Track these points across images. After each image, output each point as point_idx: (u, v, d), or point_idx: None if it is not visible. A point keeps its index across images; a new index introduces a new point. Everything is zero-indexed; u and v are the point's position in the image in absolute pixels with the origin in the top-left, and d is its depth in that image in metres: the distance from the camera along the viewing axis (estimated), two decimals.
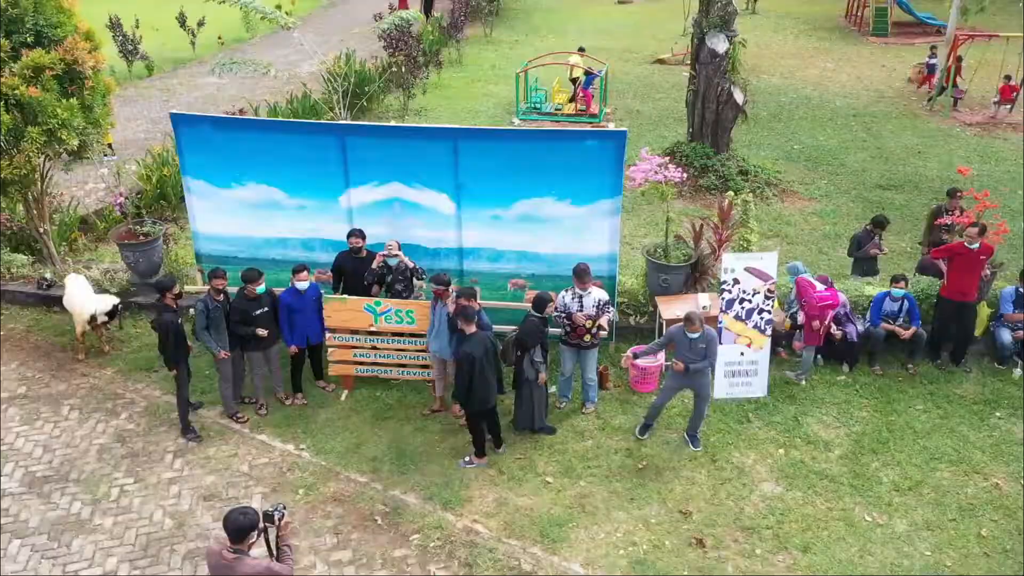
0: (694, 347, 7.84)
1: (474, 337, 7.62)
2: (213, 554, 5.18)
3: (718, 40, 14.77)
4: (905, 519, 7.50)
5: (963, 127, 18.79)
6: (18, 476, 8.05)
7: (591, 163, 9.00)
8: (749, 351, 8.88)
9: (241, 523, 5.05)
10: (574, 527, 7.42)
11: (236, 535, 5.05)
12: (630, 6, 34.54)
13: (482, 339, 7.66)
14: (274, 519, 5.28)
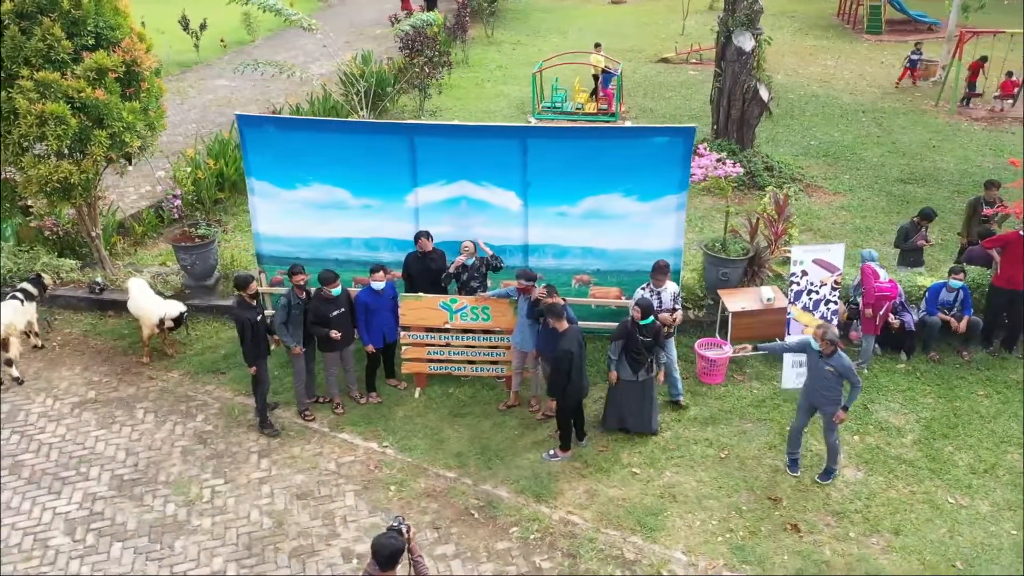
0: (820, 369, 7.60)
1: (568, 333, 7.73)
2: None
3: (744, 38, 15.01)
4: (986, 500, 7.73)
5: (970, 122, 19.21)
6: (105, 479, 8.03)
7: (659, 159, 9.15)
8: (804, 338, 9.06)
9: (392, 548, 5.05)
10: (669, 516, 7.57)
11: (387, 561, 5.05)
12: (624, 6, 34.83)
13: (575, 334, 7.78)
14: (403, 532, 5.30)
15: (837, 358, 7.40)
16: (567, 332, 7.73)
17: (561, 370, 7.69)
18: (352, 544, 7.29)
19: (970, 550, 7.20)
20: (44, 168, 9.18)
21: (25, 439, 8.58)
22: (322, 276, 8.43)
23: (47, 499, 7.78)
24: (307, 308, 8.50)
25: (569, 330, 7.75)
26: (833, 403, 7.59)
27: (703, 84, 22.73)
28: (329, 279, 8.38)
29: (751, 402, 9.08)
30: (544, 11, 32.81)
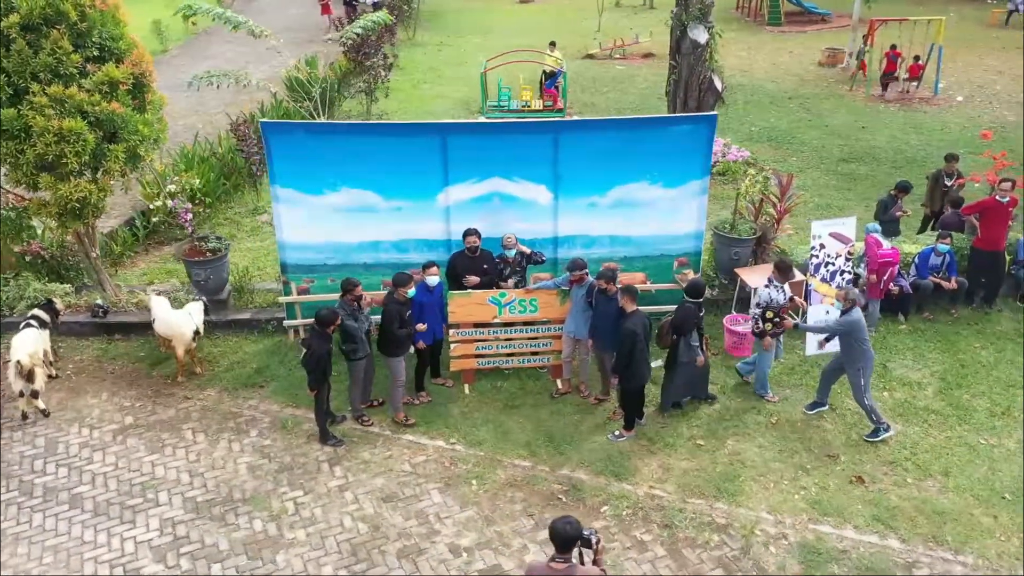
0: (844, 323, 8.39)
1: (635, 315, 8.05)
2: (538, 568, 5.31)
3: (699, 31, 15.73)
4: (1011, 438, 8.59)
5: (886, 104, 20.75)
6: (178, 503, 7.78)
7: (684, 146, 9.62)
8: (834, 309, 9.77)
9: (568, 533, 5.18)
10: (743, 480, 8.03)
11: (564, 545, 5.20)
12: (533, 5, 35.51)
13: (641, 317, 8.11)
14: (591, 543, 5.45)
15: (848, 317, 8.12)
16: (634, 314, 8.03)
17: (624, 348, 7.98)
18: (455, 539, 7.38)
19: (1011, 482, 8.00)
20: (65, 187, 8.73)
21: (75, 471, 8.18)
22: (397, 279, 8.39)
23: (123, 529, 7.48)
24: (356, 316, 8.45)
25: (636, 312, 8.07)
26: (850, 360, 8.22)
27: (633, 78, 23.62)
28: (403, 281, 8.37)
29: (783, 371, 9.67)
30: (456, 12, 32.99)
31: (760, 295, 8.85)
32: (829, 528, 7.48)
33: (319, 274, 10.02)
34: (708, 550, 7.26)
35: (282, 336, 10.37)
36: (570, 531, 5.14)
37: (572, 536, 5.14)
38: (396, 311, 8.38)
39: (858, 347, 8.16)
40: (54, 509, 7.70)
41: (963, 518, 7.56)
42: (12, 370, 8.69)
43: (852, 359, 8.25)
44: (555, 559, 5.16)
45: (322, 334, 8.07)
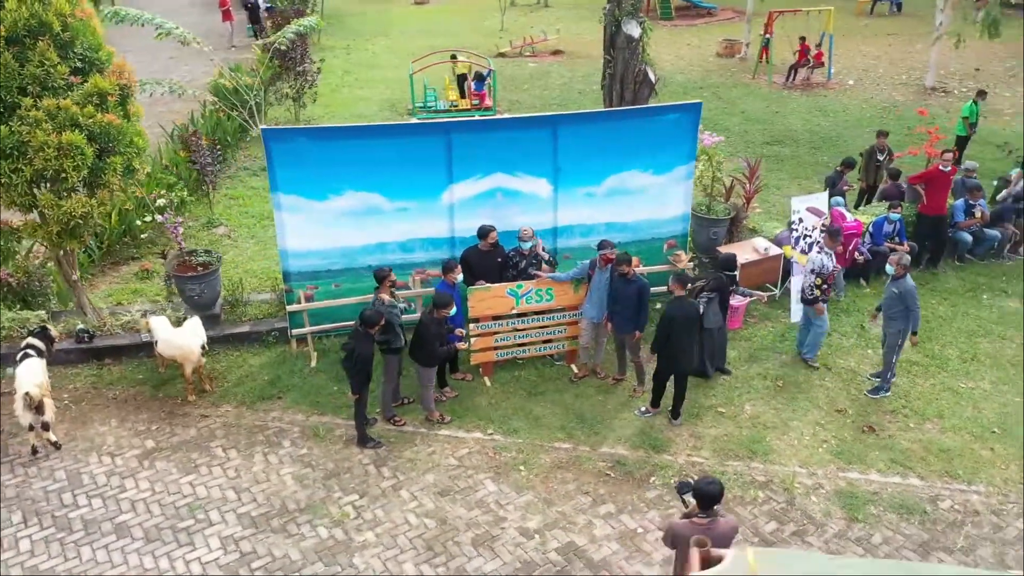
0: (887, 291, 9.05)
1: (681, 300, 8.42)
2: (681, 526, 5.63)
3: (632, 26, 16.39)
4: (985, 380, 9.61)
5: (789, 90, 22.20)
6: (232, 520, 7.63)
7: (672, 134, 10.16)
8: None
9: (712, 491, 5.58)
10: (769, 440, 8.64)
11: (709, 501, 5.59)
12: (428, 6, 35.62)
13: (686, 305, 8.47)
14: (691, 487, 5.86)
15: (903, 282, 8.78)
16: (680, 299, 8.40)
17: (662, 329, 8.38)
18: (522, 523, 7.60)
19: (996, 418, 8.97)
20: (68, 204, 8.32)
21: (110, 500, 7.85)
22: (439, 300, 8.45)
23: (183, 552, 7.27)
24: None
25: (683, 299, 8.43)
26: (892, 322, 8.95)
27: (549, 74, 24.21)
28: (446, 303, 8.44)
29: (774, 338, 10.39)
30: (354, 15, 32.66)
31: (813, 261, 9.44)
32: (856, 474, 8.18)
33: (323, 280, 9.94)
34: (757, 505, 7.80)
35: (284, 346, 10.22)
36: (714, 490, 5.52)
37: (716, 494, 5.52)
38: (437, 331, 8.45)
39: (906, 312, 8.82)
40: (101, 541, 7.38)
41: (966, 453, 8.44)
42: (20, 403, 8.21)
43: (898, 322, 8.91)
44: (697, 515, 5.52)
45: (366, 335, 8.08)
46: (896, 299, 8.85)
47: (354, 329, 8.27)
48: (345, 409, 9.12)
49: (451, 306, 8.47)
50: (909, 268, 8.92)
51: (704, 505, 5.56)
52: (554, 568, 7.12)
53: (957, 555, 7.25)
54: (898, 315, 8.89)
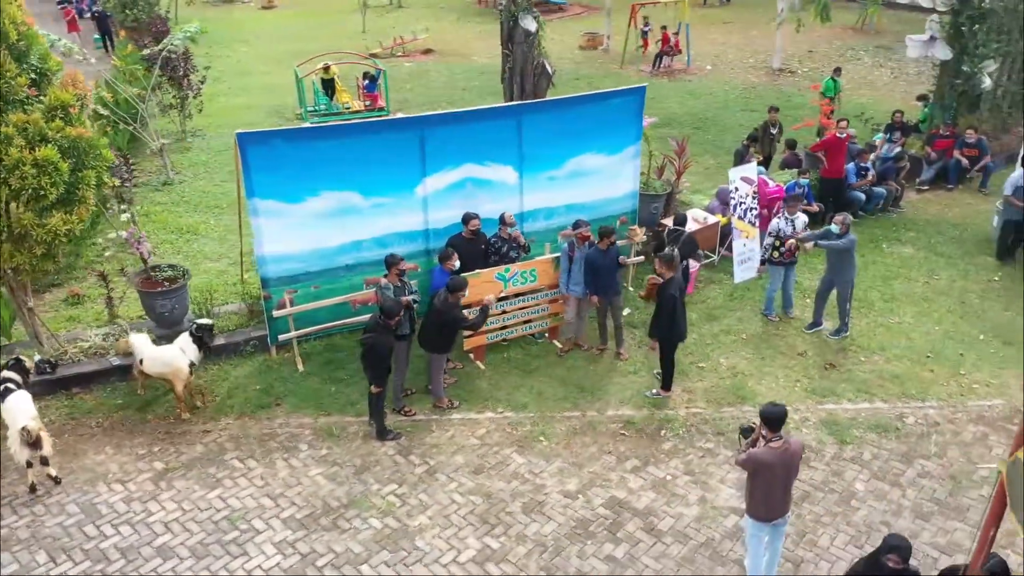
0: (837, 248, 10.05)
1: (673, 280, 9.02)
2: (761, 453, 6.27)
3: (528, 21, 17.07)
4: (907, 315, 11.01)
5: (656, 77, 23.70)
6: (279, 526, 7.56)
7: (621, 116, 10.88)
8: (749, 241, 11.67)
9: (779, 412, 6.27)
10: (750, 386, 9.54)
11: (776, 423, 6.27)
12: (275, 11, 34.82)
13: (678, 282, 9.09)
14: (751, 431, 6.55)
15: (848, 237, 9.89)
16: (672, 279, 9.00)
17: (665, 311, 8.96)
18: (562, 487, 8.04)
19: (926, 345, 10.34)
20: (53, 221, 7.86)
21: (140, 526, 7.54)
22: (455, 285, 8.63)
23: (240, 563, 7.15)
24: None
25: (674, 278, 9.04)
26: (841, 274, 10.07)
27: (427, 73, 24.48)
28: (461, 285, 8.65)
29: (725, 299, 11.37)
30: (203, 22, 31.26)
31: (771, 225, 10.37)
32: (832, 405, 9.23)
33: (301, 283, 9.87)
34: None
35: (264, 355, 10.06)
36: (780, 411, 6.22)
37: (783, 415, 6.22)
38: (458, 316, 8.66)
39: (851, 264, 9.91)
40: (147, 567, 7.11)
41: (912, 377, 9.71)
42: (17, 439, 7.70)
43: (845, 273, 10.01)
44: (771, 440, 6.20)
45: (386, 327, 8.20)
46: (844, 253, 10.00)
47: (373, 322, 8.35)
48: (350, 407, 9.18)
49: (465, 288, 8.72)
50: (849, 225, 10.09)
51: (774, 427, 6.26)
52: (607, 521, 7.61)
53: (933, 460, 8.40)
54: (847, 266, 10.05)
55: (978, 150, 14.85)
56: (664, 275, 8.93)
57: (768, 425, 6.29)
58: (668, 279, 8.92)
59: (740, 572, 7.07)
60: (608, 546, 7.34)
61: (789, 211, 10.50)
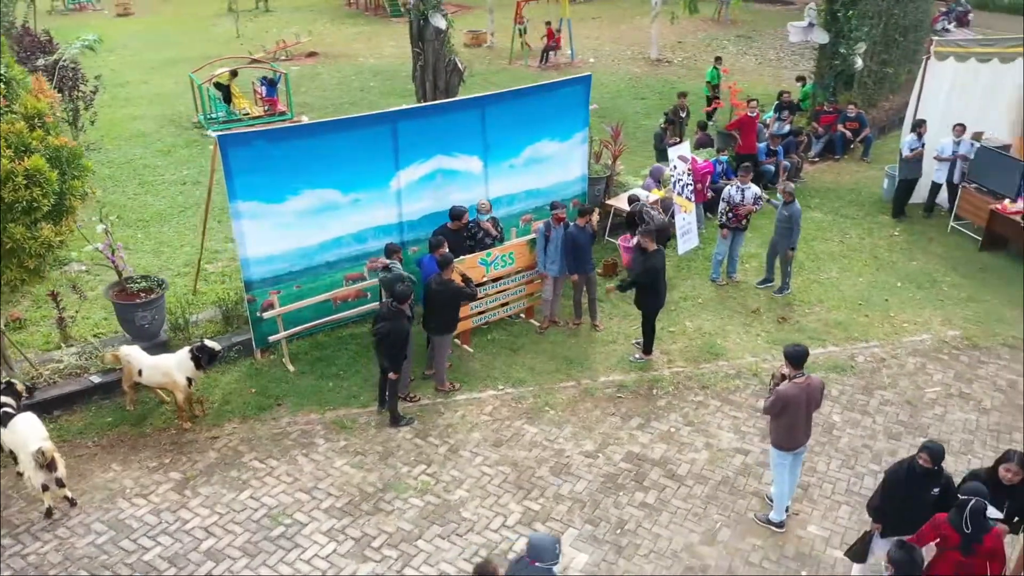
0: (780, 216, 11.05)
1: (657, 253, 9.67)
2: (786, 388, 6.98)
3: (438, 19, 17.40)
4: (833, 271, 12.29)
5: (546, 71, 24.60)
6: (322, 517, 7.67)
7: (570, 104, 11.52)
8: (688, 215, 12.63)
9: (801, 351, 7.02)
10: (718, 343, 10.42)
11: (799, 361, 7.03)
12: (132, 18, 33.31)
13: (661, 254, 9.74)
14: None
15: (792, 206, 10.94)
16: (656, 252, 9.65)
17: (649, 283, 9.66)
18: (581, 448, 8.58)
19: (855, 294, 11.62)
20: (45, 233, 7.57)
21: (181, 534, 7.44)
22: (444, 261, 8.93)
23: (295, 555, 7.23)
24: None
25: (658, 251, 9.71)
26: (783, 239, 11.11)
27: (318, 75, 24.29)
28: (449, 260, 8.97)
29: (673, 270, 12.21)
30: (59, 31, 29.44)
31: (724, 193, 11.24)
32: None
33: (284, 284, 9.88)
34: (741, 391, 9.53)
35: (249, 359, 9.99)
36: (802, 350, 7.00)
37: (805, 352, 7.01)
38: (456, 289, 8.98)
39: (796, 230, 10.94)
40: (200, 571, 7.06)
41: (853, 323, 10.91)
42: (31, 463, 7.39)
43: (788, 238, 11.01)
44: (795, 376, 6.98)
45: (400, 311, 8.42)
46: (786, 220, 11.07)
47: (385, 309, 8.55)
48: (353, 399, 9.33)
49: (453, 261, 9.05)
50: (793, 194, 11.16)
51: (797, 365, 7.05)
52: (631, 473, 8.22)
53: (888, 390, 9.56)
54: (788, 232, 11.12)
55: (859, 123, 16.58)
56: (648, 248, 9.63)
57: (791, 363, 7.08)
58: (651, 251, 9.62)
59: (758, 502, 7.86)
60: (639, 494, 7.95)
61: (741, 181, 11.47)
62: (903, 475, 6.35)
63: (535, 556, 5.21)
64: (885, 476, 6.56)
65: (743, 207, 11.35)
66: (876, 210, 14.38)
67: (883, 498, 6.49)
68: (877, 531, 6.57)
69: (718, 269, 11.84)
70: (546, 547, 5.22)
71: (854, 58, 16.86)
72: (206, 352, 8.65)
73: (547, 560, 5.19)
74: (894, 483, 6.39)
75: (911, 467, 6.25)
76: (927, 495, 6.27)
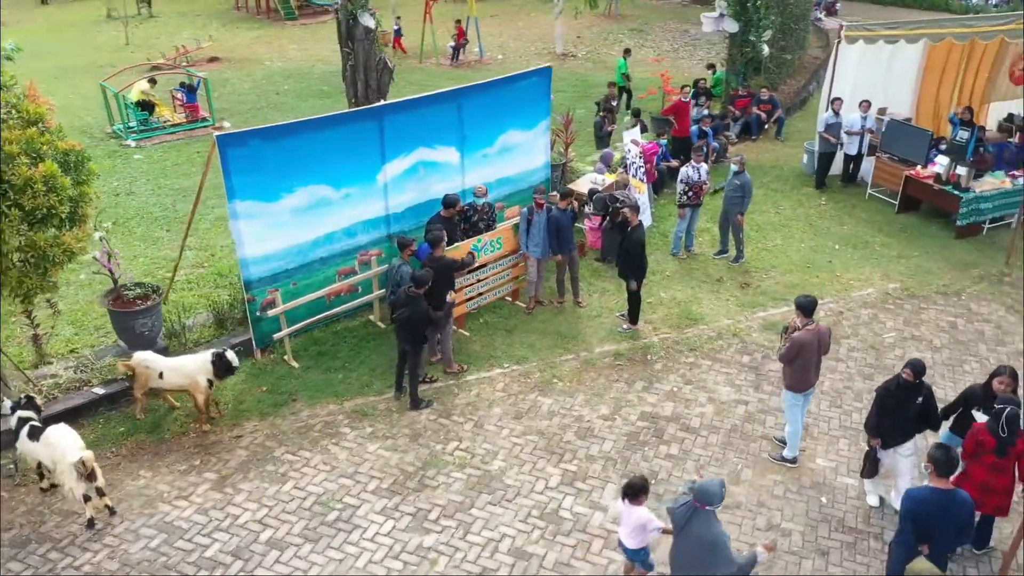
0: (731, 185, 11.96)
1: (640, 227, 10.29)
2: (801, 335, 7.74)
3: (367, 18, 17.53)
4: (777, 239, 13.37)
5: (460, 68, 25.02)
6: (371, 498, 7.88)
7: (534, 94, 12.05)
8: (641, 196, 13.42)
9: (811, 301, 7.78)
10: (695, 309, 11.22)
11: (809, 310, 7.80)
12: (6, 27, 31.31)
13: (643, 228, 10.40)
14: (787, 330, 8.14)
15: (743, 176, 11.85)
16: (639, 226, 10.31)
17: (635, 255, 10.28)
18: (597, 413, 9.12)
19: (801, 257, 12.71)
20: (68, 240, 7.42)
21: (235, 528, 7.49)
22: (434, 239, 9.25)
23: (358, 535, 7.44)
24: None
25: (640, 225, 10.35)
26: (735, 207, 12.05)
27: (228, 80, 23.80)
28: (439, 238, 9.34)
29: None
30: None
31: (681, 173, 11.97)
32: (762, 313, 11.18)
33: (281, 282, 9.94)
34: (726, 350, 10.34)
35: (250, 360, 9.98)
36: (811, 300, 7.79)
37: (814, 302, 7.80)
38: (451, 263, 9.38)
39: (748, 197, 11.83)
40: (267, 560, 7.16)
41: (806, 282, 11.96)
42: (72, 473, 7.26)
43: (740, 206, 11.90)
44: (807, 324, 7.77)
45: (418, 296, 8.71)
46: (738, 189, 11.99)
47: (403, 295, 8.80)
48: (367, 388, 9.55)
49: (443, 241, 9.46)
50: (745, 164, 12.10)
51: (808, 313, 7.85)
52: (650, 430, 8.84)
53: (852, 338, 10.62)
54: (740, 201, 12.05)
55: (771, 105, 17.91)
56: (633, 222, 10.29)
57: (803, 312, 7.87)
58: (635, 226, 10.29)
59: (768, 443, 8.65)
60: (662, 447, 8.59)
61: (695, 160, 12.31)
62: (892, 389, 7.32)
63: (704, 500, 5.70)
64: (876, 394, 7.52)
65: (700, 185, 12.21)
66: (800, 183, 15.64)
67: (878, 414, 7.42)
68: (877, 445, 7.46)
69: (678, 244, 12.66)
70: (714, 491, 5.69)
71: (761, 45, 18.19)
72: (224, 363, 8.59)
73: (715, 503, 5.69)
74: (885, 397, 7.36)
75: (897, 383, 7.19)
76: (913, 405, 7.29)
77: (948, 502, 5.96)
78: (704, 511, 5.72)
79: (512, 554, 7.26)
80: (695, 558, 5.71)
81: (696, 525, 5.71)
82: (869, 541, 7.43)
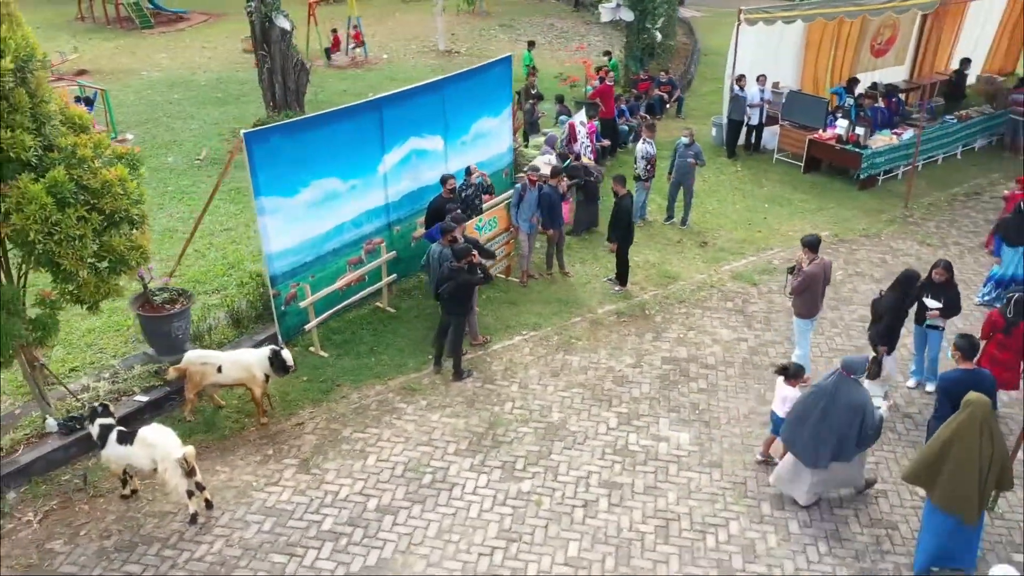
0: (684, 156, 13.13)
1: (627, 196, 11.26)
2: (811, 268, 8.95)
3: (283, 20, 17.53)
4: (713, 202, 14.81)
5: (340, 68, 25.08)
6: (454, 458, 8.41)
7: (498, 83, 12.77)
8: None
9: (815, 238, 9.03)
10: (671, 268, 12.38)
11: (815, 246, 9.03)
12: None
13: (630, 196, 11.37)
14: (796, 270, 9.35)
15: (695, 146, 13.12)
16: (625, 196, 11.26)
17: (623, 220, 11.25)
18: (621, 364, 10.03)
19: (740, 218, 14.20)
20: (143, 241, 7.44)
21: (340, 502, 7.80)
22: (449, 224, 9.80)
23: (458, 490, 7.95)
24: None
25: (627, 194, 11.31)
26: (687, 176, 13.31)
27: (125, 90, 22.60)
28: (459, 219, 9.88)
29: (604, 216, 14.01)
30: None
31: (638, 150, 12.98)
32: (727, 266, 12.52)
33: (300, 276, 10.14)
34: (710, 299, 11.56)
35: None
36: (815, 237, 9.05)
37: (818, 239, 9.06)
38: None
39: (699, 165, 13.08)
40: (384, 523, 7.55)
41: (754, 238, 13.44)
42: (176, 471, 7.32)
43: (691, 175, 13.14)
44: (814, 259, 9.02)
45: (459, 269, 9.25)
46: (693, 157, 13.28)
47: (447, 271, 9.31)
48: (405, 367, 9.99)
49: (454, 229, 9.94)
50: (694, 133, 13.39)
51: (814, 250, 9.12)
52: (675, 371, 9.87)
53: None
54: (692, 168, 13.34)
55: (671, 86, 19.52)
56: (619, 192, 11.28)
57: (810, 248, 9.13)
58: (622, 195, 11.29)
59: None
60: (692, 384, 9.64)
61: (648, 136, 13.47)
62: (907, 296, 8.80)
63: (850, 370, 7.23)
64: (872, 306, 8.95)
65: (654, 159, 13.44)
66: (712, 154, 17.20)
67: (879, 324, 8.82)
68: (885, 353, 8.86)
69: (642, 212, 13.82)
70: (859, 362, 7.30)
71: (655, 32, 19.76)
72: (279, 360, 8.73)
73: (859, 373, 7.26)
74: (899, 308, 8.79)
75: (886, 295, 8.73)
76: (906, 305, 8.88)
77: (975, 380, 7.36)
78: (850, 379, 7.12)
79: (604, 486, 8.04)
80: (845, 421, 7.16)
81: (844, 392, 7.18)
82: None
